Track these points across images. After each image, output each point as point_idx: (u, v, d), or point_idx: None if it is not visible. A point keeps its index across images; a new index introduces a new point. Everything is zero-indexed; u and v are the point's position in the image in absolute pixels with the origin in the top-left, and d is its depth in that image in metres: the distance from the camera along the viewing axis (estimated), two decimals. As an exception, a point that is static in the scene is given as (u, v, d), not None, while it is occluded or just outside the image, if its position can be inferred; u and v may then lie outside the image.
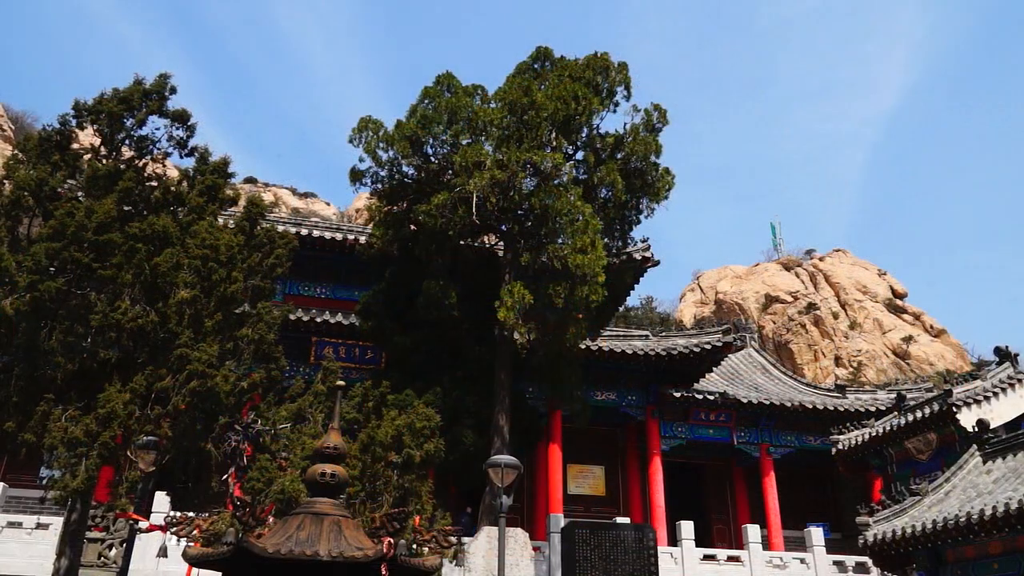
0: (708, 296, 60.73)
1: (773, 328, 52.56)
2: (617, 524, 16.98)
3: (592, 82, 18.06)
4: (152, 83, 11.85)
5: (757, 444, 23.64)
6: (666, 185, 18.80)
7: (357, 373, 19.04)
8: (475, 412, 17.52)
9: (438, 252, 17.29)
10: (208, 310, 9.82)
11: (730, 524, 24.96)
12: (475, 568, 15.27)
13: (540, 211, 16.50)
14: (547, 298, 16.21)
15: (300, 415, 10.68)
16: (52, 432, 8.61)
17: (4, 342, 9.14)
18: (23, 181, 10.27)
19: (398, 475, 9.89)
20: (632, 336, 24.88)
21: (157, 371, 9.32)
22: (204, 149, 12.03)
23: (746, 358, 29.27)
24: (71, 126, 11.33)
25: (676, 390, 22.28)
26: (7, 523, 15.24)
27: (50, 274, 9.32)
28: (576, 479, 23.94)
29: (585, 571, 15.30)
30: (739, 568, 18.81)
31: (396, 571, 5.20)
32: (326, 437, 6.22)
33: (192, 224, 10.75)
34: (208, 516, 7.73)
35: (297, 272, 18.52)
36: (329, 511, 5.56)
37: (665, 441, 22.76)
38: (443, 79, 18.11)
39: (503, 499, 11.93)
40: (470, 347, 18.02)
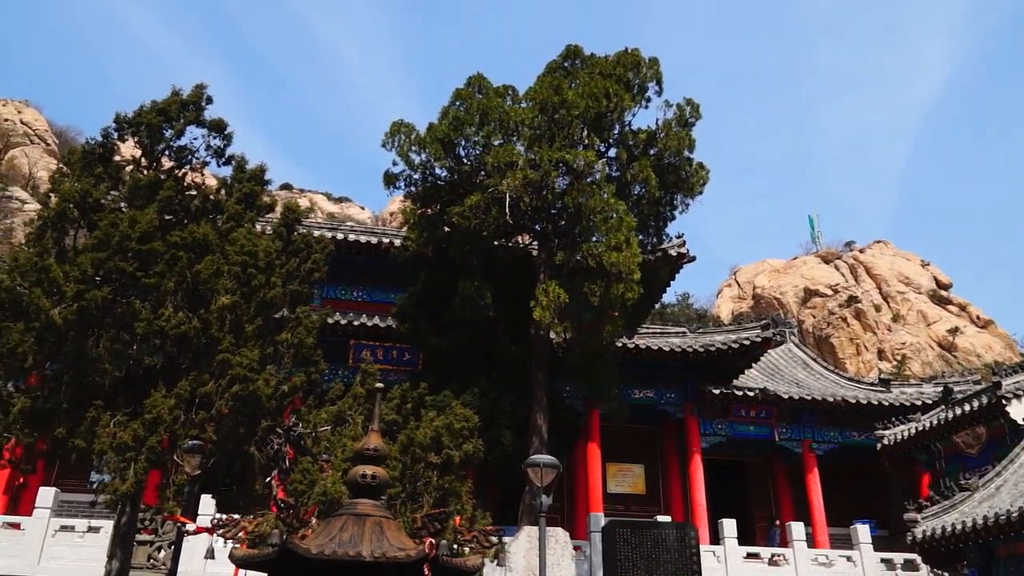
0: (746, 291, 60.01)
1: (813, 322, 51.75)
2: (658, 523, 16.87)
3: (623, 78, 17.96)
4: (189, 94, 12.07)
5: (799, 440, 23.29)
6: (700, 180, 18.62)
7: (395, 375, 19.18)
8: (513, 412, 17.53)
9: (472, 253, 17.33)
10: (248, 315, 9.97)
11: (774, 522, 24.62)
12: (516, 568, 15.28)
13: (573, 210, 16.45)
14: (582, 297, 16.16)
15: (340, 417, 10.79)
16: (101, 437, 8.81)
17: (53, 351, 9.38)
18: (68, 194, 10.53)
19: (438, 476, 9.93)
20: (669, 333, 24.69)
21: (200, 376, 9.48)
22: (241, 157, 12.21)
23: (786, 353, 28.85)
24: (113, 139, 11.58)
25: (715, 387, 22.04)
26: (60, 527, 15.65)
27: (96, 283, 9.54)
28: (615, 478, 23.83)
29: (627, 570, 15.22)
30: (784, 566, 18.55)
31: (439, 571, 5.23)
32: (366, 439, 6.27)
33: (231, 231, 10.93)
34: (253, 518, 7.84)
35: (334, 276, 18.70)
36: (371, 512, 5.61)
37: (705, 439, 22.54)
38: (474, 80, 18.15)
39: (543, 499, 11.92)
40: (506, 347, 18.03)
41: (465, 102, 17.69)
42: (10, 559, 15.06)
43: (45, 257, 9.83)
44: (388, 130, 17.89)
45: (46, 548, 15.28)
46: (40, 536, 15.34)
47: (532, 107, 17.41)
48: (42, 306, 9.14)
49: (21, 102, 72.87)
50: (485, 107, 17.37)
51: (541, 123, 17.09)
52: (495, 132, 17.30)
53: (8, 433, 9.19)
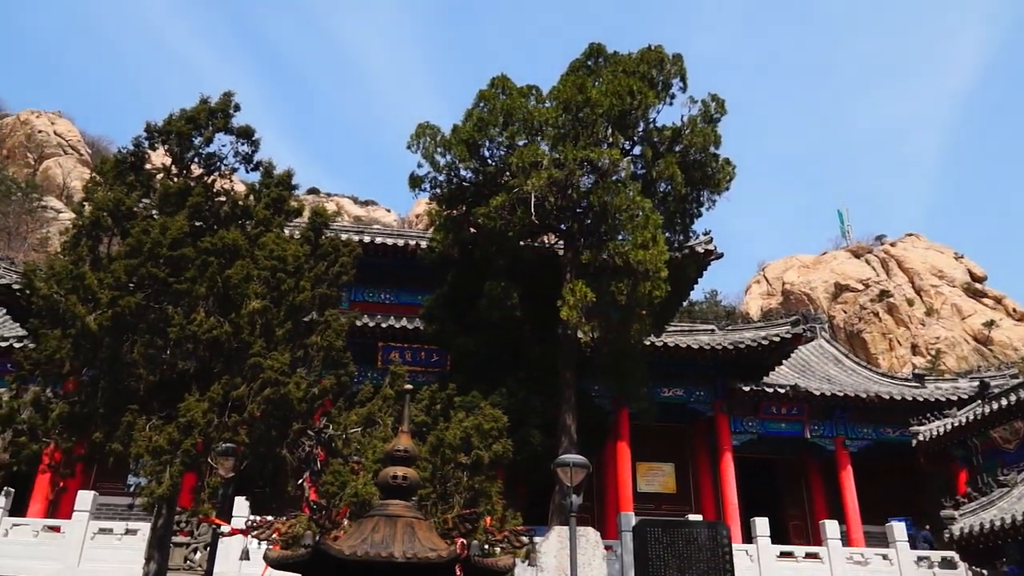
0: (775, 287, 59.41)
1: (844, 318, 51.09)
2: (690, 521, 16.76)
3: (647, 76, 17.87)
4: (217, 102, 12.23)
5: (832, 437, 23.02)
6: (727, 176, 18.47)
7: (423, 376, 19.27)
8: (541, 412, 17.52)
9: (498, 254, 17.35)
10: (278, 319, 10.08)
11: (807, 520, 24.36)
12: (547, 567, 15.27)
13: (599, 208, 16.41)
14: (609, 295, 16.10)
15: (370, 419, 10.87)
16: (137, 441, 8.97)
17: (90, 356, 9.56)
18: (101, 202, 10.72)
19: (468, 476, 9.96)
20: (697, 331, 24.53)
21: (233, 380, 9.61)
22: (268, 163, 12.35)
23: (817, 349, 28.51)
24: (144, 147, 11.76)
25: (745, 384, 21.85)
26: (99, 529, 15.95)
27: (129, 290, 9.70)
28: (646, 477, 23.72)
29: (659, 569, 15.14)
30: (818, 565, 18.33)
31: (470, 571, 5.26)
32: (396, 440, 6.31)
33: (260, 236, 11.06)
34: (286, 520, 7.93)
35: (361, 279, 18.81)
36: (402, 513, 5.65)
37: (736, 436, 22.36)
38: (497, 81, 18.17)
39: (573, 498, 11.90)
40: (533, 347, 18.03)
41: (489, 103, 17.71)
42: (51, 561, 15.39)
43: (80, 265, 10.02)
44: (413, 132, 17.98)
45: (85, 550, 15.59)
46: (79, 539, 15.64)
47: (556, 106, 17.39)
48: (78, 313, 9.32)
49: (54, 113, 74.35)
50: (509, 107, 17.38)
51: (565, 122, 17.06)
52: (519, 132, 17.30)
53: (47, 438, 9.37)
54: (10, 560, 15.26)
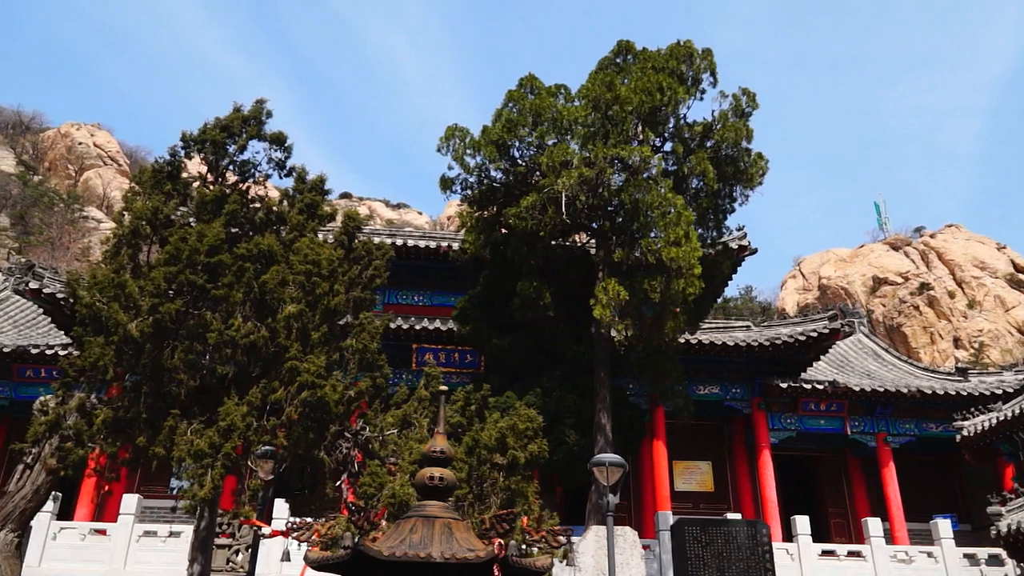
0: (811, 282, 58.58)
1: (883, 311, 50.20)
2: (728, 520, 16.60)
3: (676, 71, 17.75)
4: (250, 109, 12.38)
5: (873, 434, 22.63)
6: (760, 170, 18.27)
7: (458, 377, 19.35)
8: (576, 411, 17.50)
9: (530, 254, 17.36)
10: (314, 323, 10.18)
11: (848, 518, 23.98)
12: (585, 567, 15.24)
13: (630, 206, 16.33)
14: (642, 293, 16.02)
15: (406, 421, 10.93)
16: (179, 445, 9.12)
17: (132, 363, 9.74)
18: (140, 211, 10.92)
19: (504, 476, 9.96)
20: (733, 327, 24.29)
21: (270, 384, 9.73)
22: (301, 169, 12.47)
23: (856, 344, 28.04)
24: (180, 156, 11.95)
25: (782, 381, 21.58)
26: (143, 532, 16.27)
27: (169, 297, 9.87)
28: (682, 475, 23.54)
29: (697, 569, 15.03)
30: (861, 563, 18.03)
31: (509, 571, 5.26)
32: (432, 441, 6.34)
33: (294, 241, 11.18)
34: (325, 521, 8.02)
35: (395, 281, 19.00)
36: (439, 514, 5.68)
37: (774, 434, 22.10)
38: (526, 81, 18.18)
39: (610, 498, 11.86)
40: (567, 346, 18.01)
41: (518, 103, 17.74)
42: (98, 564, 15.73)
43: (121, 273, 10.21)
44: (443, 135, 18.07)
45: (131, 553, 15.91)
46: (125, 541, 15.97)
47: (585, 105, 17.35)
48: (120, 320, 9.51)
49: (93, 125, 76.00)
50: (538, 107, 17.38)
51: (594, 120, 17.01)
52: (548, 132, 17.30)
53: (93, 443, 9.57)
54: (58, 563, 15.65)
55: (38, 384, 19.87)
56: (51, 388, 10.34)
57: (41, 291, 19.11)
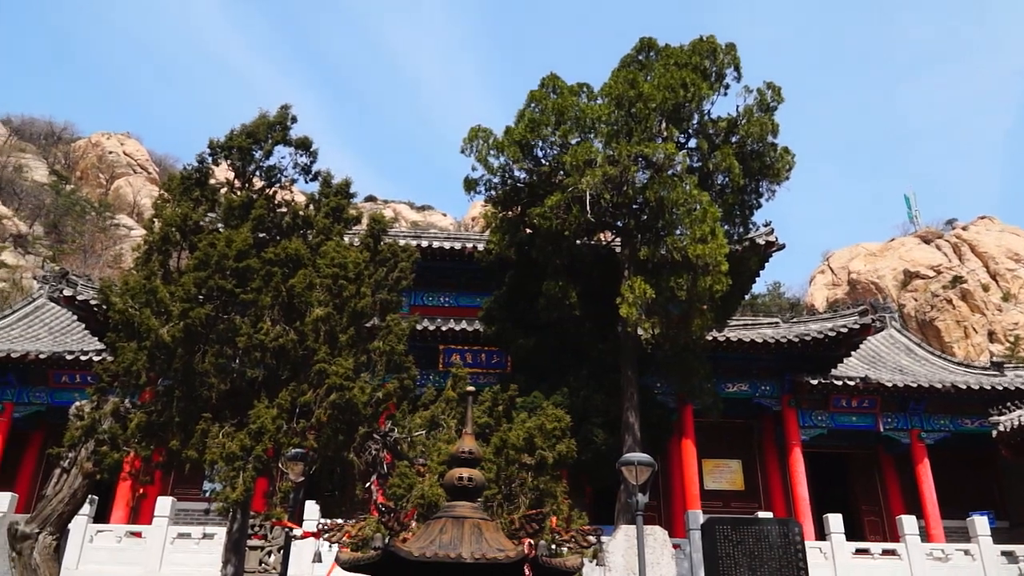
0: (840, 277, 57.86)
1: (915, 306, 49.44)
2: (759, 519, 16.44)
3: (699, 67, 17.61)
4: (275, 115, 12.51)
5: (907, 430, 22.29)
6: (786, 165, 18.07)
7: (484, 378, 19.39)
8: (604, 410, 17.45)
9: (555, 253, 17.33)
10: (341, 326, 10.26)
11: (882, 516, 23.64)
12: (615, 567, 15.18)
13: (655, 204, 16.24)
14: (669, 291, 15.93)
15: (434, 422, 10.97)
16: (211, 448, 9.24)
17: (164, 367, 9.89)
18: (170, 218, 11.09)
19: (532, 476, 9.97)
20: (761, 324, 24.07)
21: (299, 386, 9.82)
22: (327, 173, 12.58)
23: (887, 339, 27.65)
24: (207, 163, 12.11)
25: (812, 377, 21.33)
26: (177, 534, 16.50)
27: (199, 302, 10.00)
28: (712, 474, 23.37)
29: (729, 568, 14.89)
30: (896, 562, 17.77)
31: (539, 571, 5.26)
32: (460, 442, 6.37)
33: (321, 245, 11.28)
34: (356, 522, 8.09)
35: (420, 283, 19.07)
36: (469, 514, 5.70)
37: (804, 431, 21.85)
38: (548, 81, 18.15)
39: (639, 497, 11.81)
40: (593, 345, 17.96)
41: (540, 103, 17.71)
42: (134, 566, 15.98)
43: (152, 279, 10.37)
44: (466, 136, 18.09)
45: (166, 554, 16.14)
46: (160, 543, 16.21)
47: (608, 103, 17.28)
48: (152, 326, 9.65)
49: (123, 134, 77.24)
50: (560, 107, 17.35)
51: (618, 118, 16.94)
52: (572, 131, 17.25)
53: (127, 447, 9.73)
54: (95, 565, 15.92)
55: (73, 389, 20.22)
56: (86, 393, 10.52)
57: (75, 298, 19.46)
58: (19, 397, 21.44)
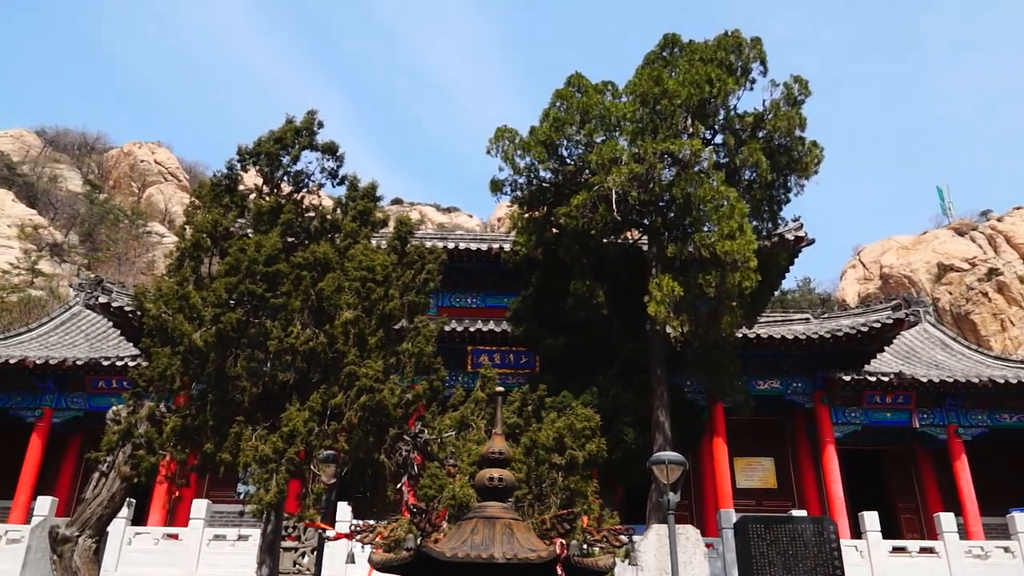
0: (872, 271, 57.02)
1: (950, 299, 48.57)
2: (793, 517, 16.27)
3: (725, 62, 17.48)
4: (301, 121, 12.62)
5: (943, 426, 21.90)
6: (815, 159, 17.87)
7: (513, 378, 19.41)
8: (634, 409, 17.38)
9: (582, 252, 17.30)
10: (370, 328, 10.32)
11: (919, 513, 23.28)
12: (647, 566, 15.11)
13: (682, 201, 16.14)
14: (697, 288, 15.83)
15: (463, 422, 11.00)
16: (245, 451, 9.34)
17: (198, 371, 10.02)
18: (201, 225, 11.24)
19: (563, 476, 9.96)
20: (792, 320, 23.80)
21: (330, 389, 9.89)
22: (353, 177, 12.67)
23: (921, 334, 27.19)
24: (236, 170, 12.25)
25: (845, 374, 21.06)
26: (213, 536, 16.73)
27: (230, 306, 10.12)
28: (744, 472, 23.17)
29: (763, 567, 14.75)
30: (934, 560, 17.46)
31: (571, 571, 5.25)
32: (490, 443, 6.37)
33: (349, 248, 11.36)
34: (388, 523, 8.13)
35: (448, 284, 19.14)
36: (500, 515, 5.70)
37: (838, 428, 21.58)
38: (573, 80, 18.13)
39: (670, 496, 11.75)
40: (622, 344, 17.90)
41: (565, 102, 17.70)
42: (171, 568, 16.24)
43: (185, 285, 10.52)
44: (491, 136, 18.13)
45: (202, 556, 16.38)
46: (196, 545, 16.45)
47: (633, 100, 17.22)
48: (185, 331, 9.79)
49: (154, 143, 78.51)
50: (585, 105, 17.32)
51: (643, 116, 16.87)
52: (597, 129, 17.22)
53: (163, 450, 9.88)
54: (134, 567, 16.20)
55: (110, 395, 20.60)
56: (122, 398, 10.70)
57: (110, 305, 19.83)
58: (58, 403, 21.88)
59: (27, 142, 73.25)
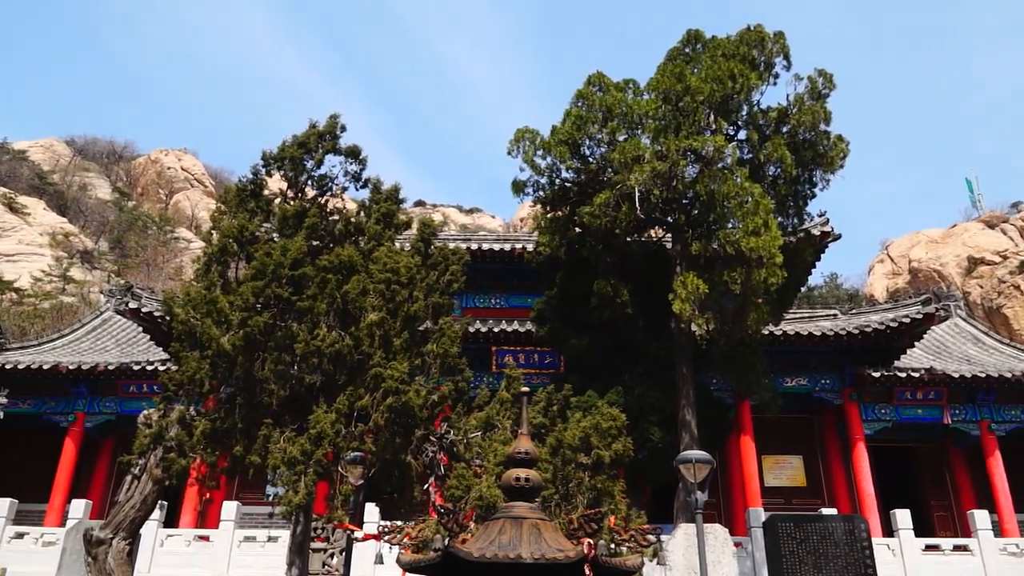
0: (900, 266, 56.24)
1: (980, 293, 47.76)
2: (823, 516, 16.09)
3: (747, 57, 17.33)
4: (324, 125, 12.74)
5: (976, 422, 21.53)
6: (840, 153, 17.66)
7: (538, 378, 19.39)
8: (659, 408, 17.30)
9: (605, 252, 17.25)
10: (395, 330, 10.39)
11: (952, 511, 22.91)
12: (676, 566, 15.04)
13: (706, 197, 16.03)
14: (723, 286, 15.71)
15: (489, 423, 11.02)
16: (273, 453, 9.45)
17: (226, 375, 10.15)
18: (227, 230, 11.38)
19: (589, 476, 9.95)
20: (819, 316, 23.54)
21: (356, 391, 9.97)
22: (376, 180, 12.76)
23: (952, 328, 26.76)
24: (261, 175, 12.39)
25: (874, 370, 20.77)
26: (243, 537, 16.91)
27: (257, 310, 10.24)
28: (772, 470, 22.96)
29: (793, 566, 14.60)
30: (967, 558, 17.18)
31: (599, 571, 5.24)
32: (516, 443, 6.37)
33: (373, 251, 11.44)
34: (415, 524, 8.17)
35: (471, 285, 19.15)
36: (527, 515, 5.70)
37: (868, 425, 21.30)
38: (594, 79, 18.07)
39: (698, 495, 11.68)
40: (647, 343, 17.82)
41: (587, 100, 17.64)
42: (202, 569, 16.43)
43: (212, 290, 10.66)
44: (512, 137, 18.11)
45: (233, 557, 16.56)
46: (227, 547, 16.63)
47: (655, 98, 17.13)
48: (213, 335, 9.91)
49: (180, 150, 79.55)
50: (607, 103, 17.26)
51: (665, 113, 16.78)
52: (619, 128, 17.14)
53: (193, 453, 10.01)
54: (166, 569, 16.42)
55: (141, 399, 20.86)
56: (153, 402, 10.87)
57: (140, 310, 20.11)
58: (90, 407, 22.24)
59: (57, 151, 74.58)
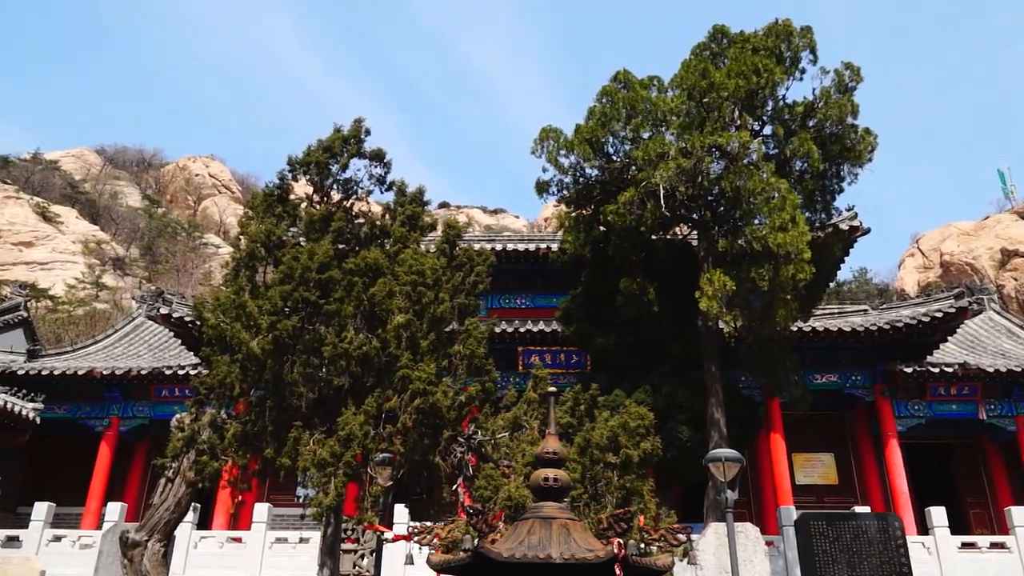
0: (931, 259, 55.34)
1: (1015, 286, 46.85)
2: (856, 514, 15.89)
3: (774, 51, 17.18)
4: (349, 129, 12.82)
5: (1012, 417, 21.12)
6: (868, 146, 17.43)
7: (564, 378, 19.36)
8: (687, 407, 17.20)
9: (630, 250, 17.18)
10: (422, 331, 10.43)
11: (989, 508, 22.50)
12: (707, 566, 14.93)
13: (732, 194, 15.91)
14: (750, 282, 15.58)
15: (516, 423, 11.03)
16: (303, 455, 9.53)
17: (256, 378, 10.26)
18: (255, 235, 11.51)
19: (618, 476, 9.91)
20: (848, 312, 23.27)
21: (384, 393, 10.03)
22: (401, 182, 12.82)
23: (986, 322, 26.28)
24: (287, 180, 12.52)
25: (907, 365, 20.46)
26: (275, 539, 17.10)
27: (285, 314, 10.34)
28: (803, 468, 22.72)
29: (826, 565, 14.44)
30: (1005, 555, 16.86)
31: (629, 571, 5.22)
32: (544, 443, 6.38)
33: (398, 253, 11.49)
34: (445, 524, 8.20)
35: (497, 286, 19.14)
36: (556, 515, 5.70)
37: (900, 422, 20.99)
38: (619, 76, 18.00)
39: (728, 494, 11.59)
40: (674, 341, 17.72)
41: (611, 98, 17.59)
42: (235, 570, 16.65)
43: (241, 294, 10.78)
44: (536, 137, 18.11)
45: (265, 559, 16.76)
46: (259, 548, 16.83)
47: (679, 94, 17.04)
48: (242, 339, 10.03)
49: (208, 157, 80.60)
50: (631, 101, 17.19)
51: (690, 109, 16.68)
52: (643, 125, 17.07)
53: (225, 456, 10.13)
54: (200, 570, 16.66)
55: (173, 403, 21.18)
56: (185, 406, 11.01)
57: (171, 316, 20.41)
58: (124, 411, 22.62)
59: (88, 161, 75.94)
